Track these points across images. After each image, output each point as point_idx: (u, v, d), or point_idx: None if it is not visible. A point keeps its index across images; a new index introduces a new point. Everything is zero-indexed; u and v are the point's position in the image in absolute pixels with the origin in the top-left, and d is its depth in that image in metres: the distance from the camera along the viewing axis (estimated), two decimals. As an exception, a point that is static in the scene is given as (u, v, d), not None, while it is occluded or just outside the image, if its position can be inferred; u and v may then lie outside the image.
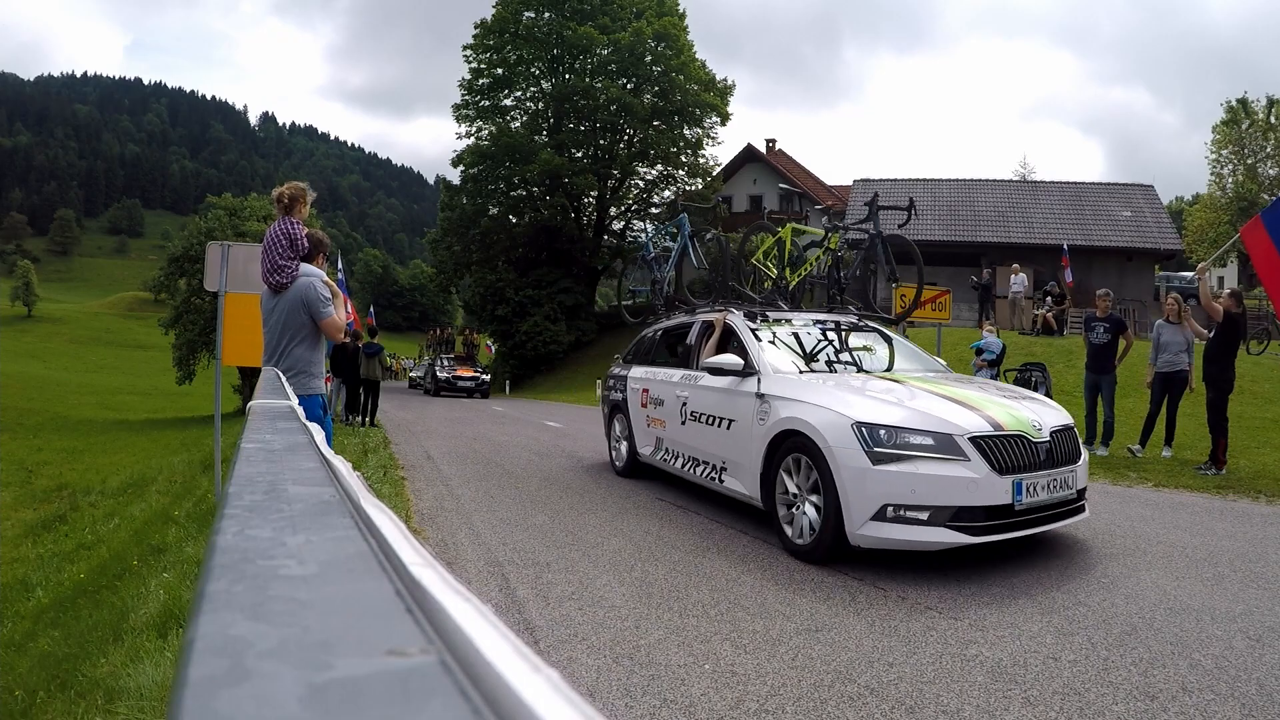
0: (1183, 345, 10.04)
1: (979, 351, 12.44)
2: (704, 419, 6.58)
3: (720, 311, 7.32)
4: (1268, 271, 8.48)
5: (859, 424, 4.86)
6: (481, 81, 44.02)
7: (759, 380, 5.86)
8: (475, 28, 43.58)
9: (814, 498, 5.09)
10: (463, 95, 44.21)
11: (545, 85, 44.31)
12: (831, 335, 6.89)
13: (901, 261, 7.85)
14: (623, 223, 46.67)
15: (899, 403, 5.12)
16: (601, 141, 43.61)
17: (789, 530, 5.30)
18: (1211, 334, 9.15)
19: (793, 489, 5.30)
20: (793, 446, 5.27)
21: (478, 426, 15.42)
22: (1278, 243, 8.25)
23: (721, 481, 6.34)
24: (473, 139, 43.72)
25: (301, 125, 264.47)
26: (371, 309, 20.25)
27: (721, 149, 52.06)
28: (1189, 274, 32.21)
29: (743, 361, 6.12)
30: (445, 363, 34.61)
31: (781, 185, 37.94)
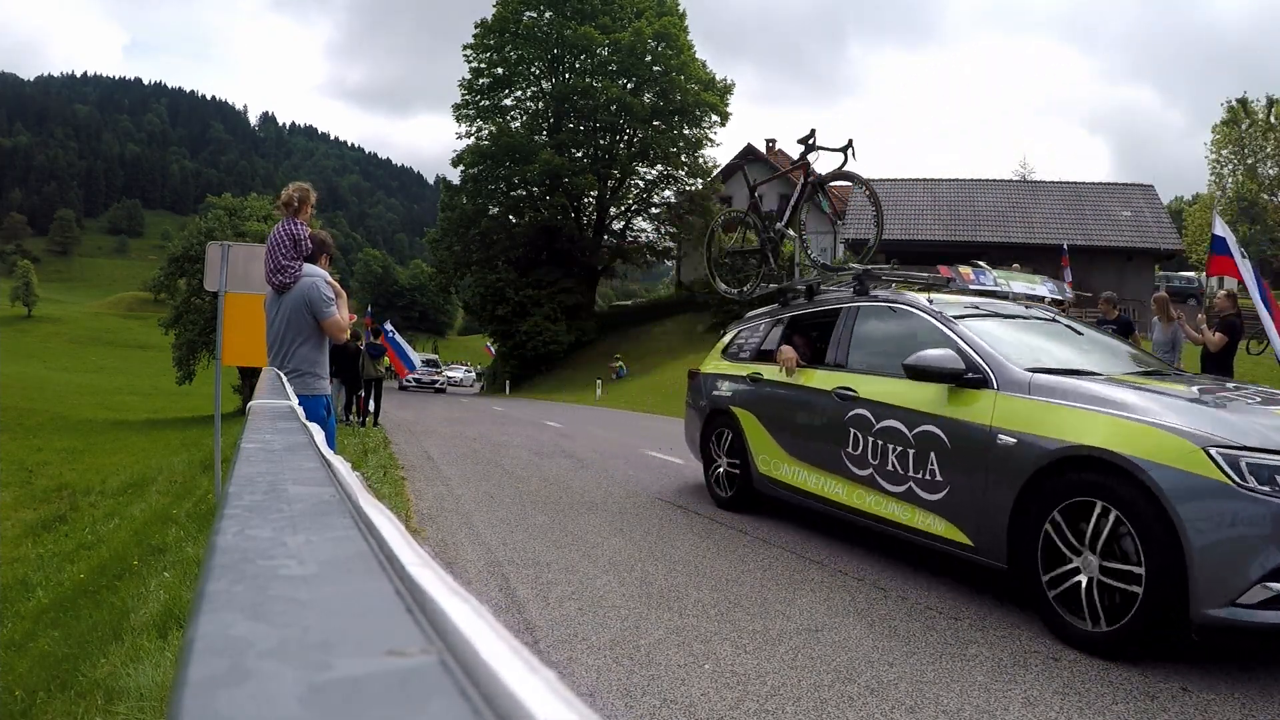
0: (1167, 345, 10.03)
1: None
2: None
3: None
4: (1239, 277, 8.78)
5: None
6: (481, 81, 44.06)
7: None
8: (475, 27, 43.63)
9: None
10: (463, 95, 44.26)
11: (545, 85, 44.34)
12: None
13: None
14: (623, 223, 46.70)
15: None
16: (601, 141, 43.63)
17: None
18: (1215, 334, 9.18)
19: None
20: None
21: (478, 426, 15.43)
22: (1235, 257, 8.65)
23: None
24: (473, 139, 43.78)
25: (301, 125, 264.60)
26: (370, 309, 20.43)
27: (722, 149, 52.49)
28: (1189, 273, 32.23)
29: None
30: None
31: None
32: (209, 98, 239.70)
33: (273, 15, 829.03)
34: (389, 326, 19.78)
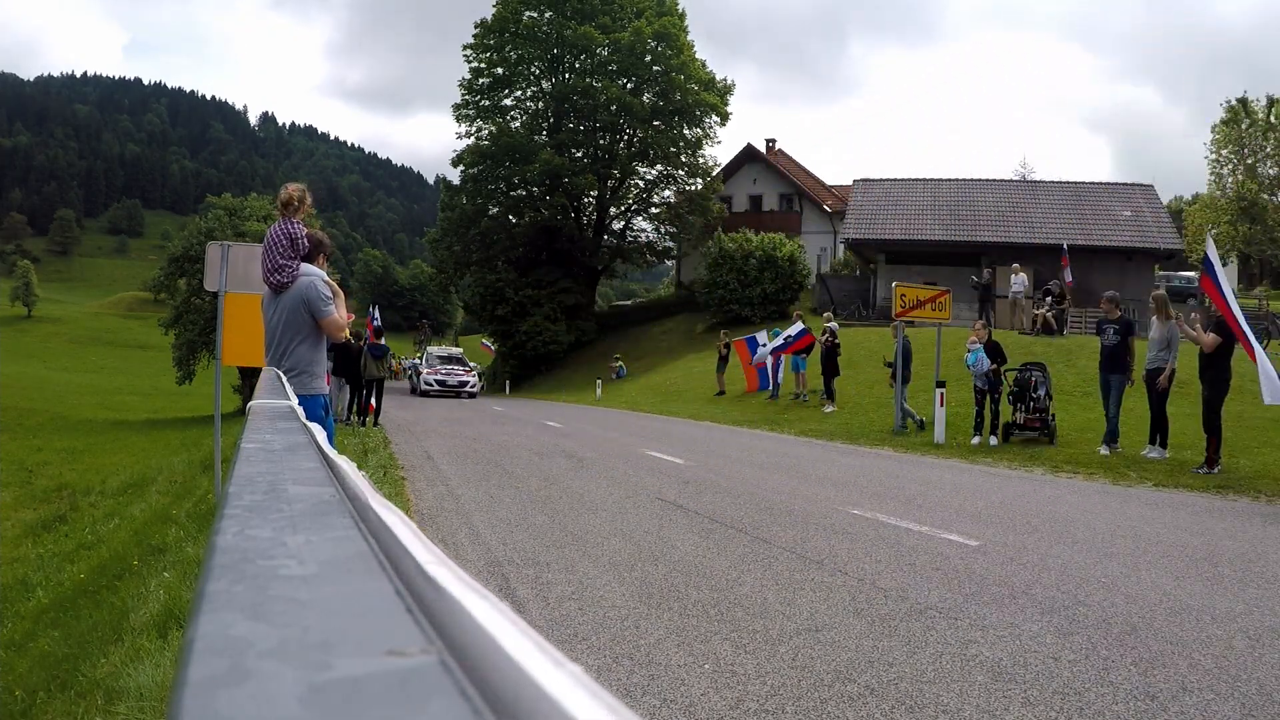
0: (1162, 343, 10.05)
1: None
2: None
3: None
4: (1225, 310, 8.93)
5: None
6: (481, 81, 44.01)
7: None
8: (475, 27, 43.58)
9: None
10: (463, 95, 44.20)
11: (545, 85, 44.31)
12: None
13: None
14: (623, 223, 46.70)
15: None
16: (601, 141, 43.60)
17: None
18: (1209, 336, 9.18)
19: None
20: None
21: (478, 426, 15.43)
22: (1219, 287, 8.79)
23: None
24: (473, 139, 43.71)
25: (301, 125, 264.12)
26: (377, 311, 20.50)
27: (722, 148, 52.63)
28: (1189, 273, 32.21)
29: None
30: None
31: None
32: (209, 98, 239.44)
33: (272, 14, 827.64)
34: (376, 313, 19.81)
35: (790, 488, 8.21)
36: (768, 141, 47.63)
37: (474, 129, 44.05)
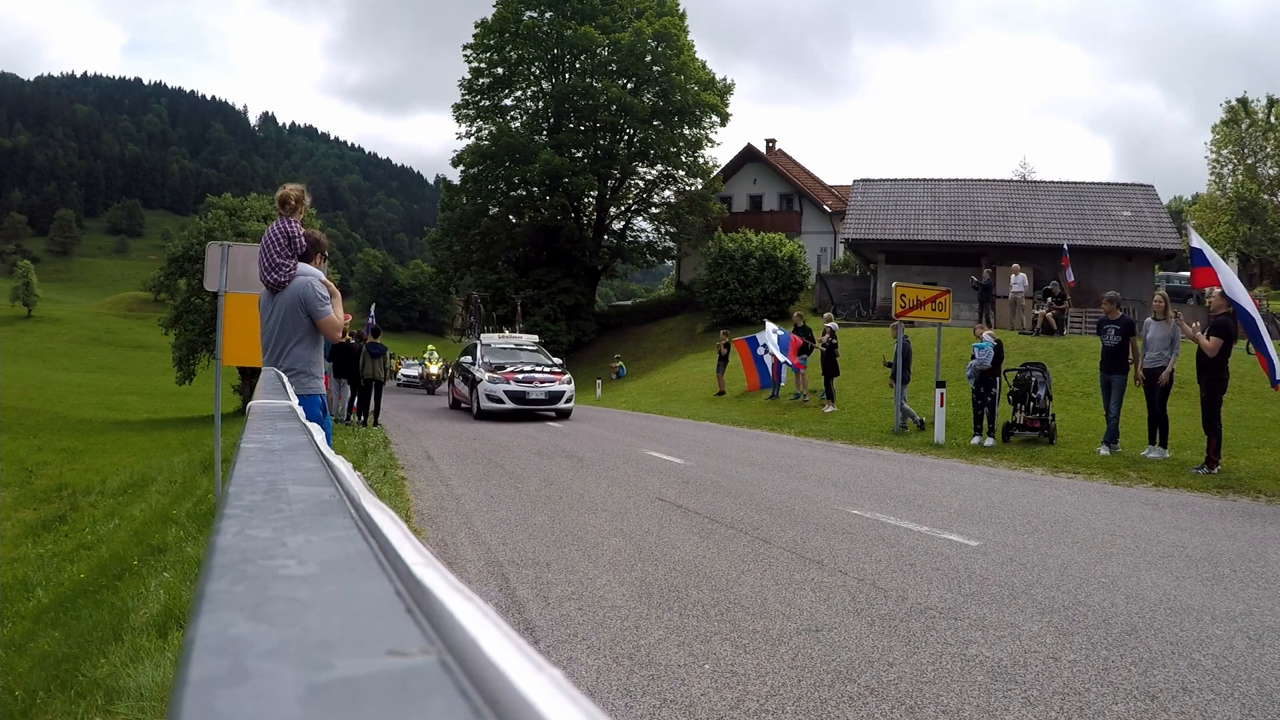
0: (1163, 342, 10.04)
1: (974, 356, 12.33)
2: None
3: None
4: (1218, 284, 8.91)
5: None
6: (482, 81, 44.01)
7: None
8: (475, 27, 43.57)
9: None
10: (463, 95, 44.21)
11: (545, 85, 44.32)
12: None
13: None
14: (623, 223, 46.69)
15: None
16: (601, 141, 43.59)
17: None
18: (1208, 337, 9.16)
19: None
20: None
21: (478, 426, 15.42)
22: (1216, 269, 8.77)
23: None
24: (473, 139, 43.72)
25: (301, 125, 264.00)
26: (373, 309, 20.53)
27: (722, 149, 52.76)
28: (1188, 273, 32.23)
29: None
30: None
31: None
32: (209, 98, 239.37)
33: (271, 14, 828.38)
34: (372, 314, 19.99)
35: (790, 488, 8.21)
36: (768, 141, 47.59)
37: (474, 129, 44.08)
